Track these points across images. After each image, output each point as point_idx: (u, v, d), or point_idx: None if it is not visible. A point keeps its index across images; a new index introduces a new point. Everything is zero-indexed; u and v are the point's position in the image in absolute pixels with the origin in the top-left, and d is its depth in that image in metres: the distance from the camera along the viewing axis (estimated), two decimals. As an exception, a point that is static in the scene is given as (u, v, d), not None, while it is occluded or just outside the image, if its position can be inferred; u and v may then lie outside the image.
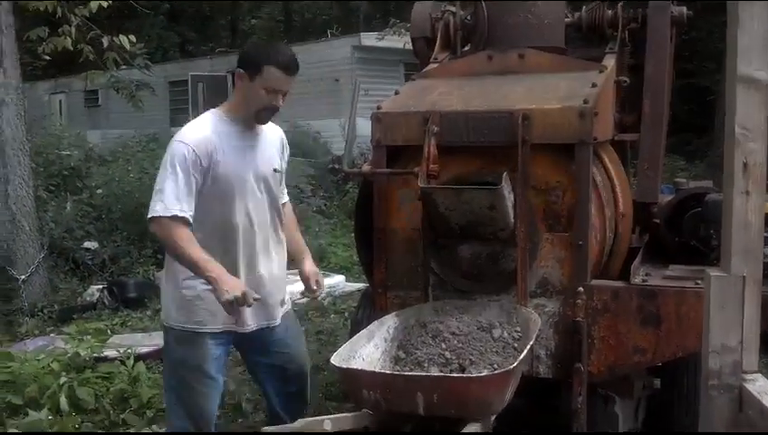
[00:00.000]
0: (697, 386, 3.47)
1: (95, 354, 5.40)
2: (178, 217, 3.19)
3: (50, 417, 4.52)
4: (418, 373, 3.11)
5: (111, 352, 5.56)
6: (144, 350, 5.79)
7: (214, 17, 33.03)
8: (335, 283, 8.60)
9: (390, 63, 17.44)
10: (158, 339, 5.80)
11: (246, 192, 3.40)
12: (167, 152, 3.29)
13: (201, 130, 3.33)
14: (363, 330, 3.42)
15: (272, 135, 3.60)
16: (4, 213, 8.01)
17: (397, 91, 4.18)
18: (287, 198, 3.81)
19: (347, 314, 7.23)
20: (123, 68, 9.88)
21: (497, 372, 2.94)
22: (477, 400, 2.81)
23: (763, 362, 2.78)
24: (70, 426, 4.50)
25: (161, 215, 3.19)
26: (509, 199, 3.45)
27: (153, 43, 24.11)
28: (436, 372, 3.12)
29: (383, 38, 15.08)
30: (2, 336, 7.03)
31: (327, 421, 2.87)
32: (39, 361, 5.15)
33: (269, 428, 3.07)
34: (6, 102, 8.03)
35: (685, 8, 4.41)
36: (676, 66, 4.88)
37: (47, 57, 8.73)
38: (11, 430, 4.43)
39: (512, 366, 2.90)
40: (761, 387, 1.98)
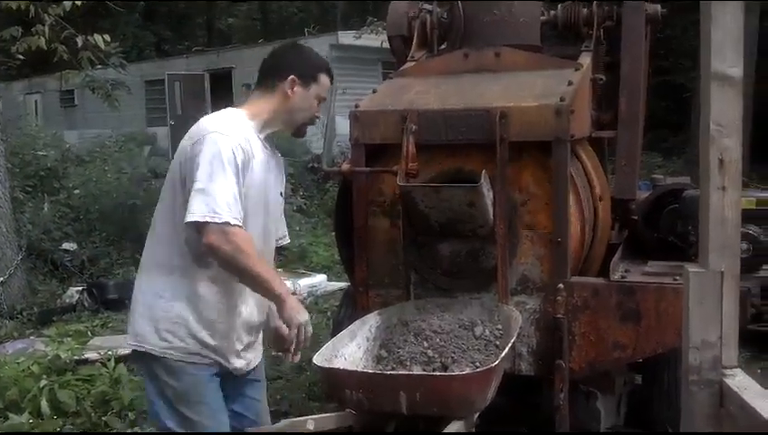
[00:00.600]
0: (678, 381, 3.50)
1: (76, 357, 5.36)
2: (233, 225, 2.68)
3: (30, 420, 4.50)
4: (401, 372, 3.12)
5: (92, 355, 5.52)
6: (125, 351, 5.73)
7: (190, 16, 32.89)
8: (317, 282, 8.63)
9: (368, 62, 17.43)
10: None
11: (262, 212, 2.96)
12: (204, 146, 2.73)
13: (239, 130, 2.85)
14: (345, 329, 3.41)
15: (279, 156, 3.16)
16: (-19, 215, 7.93)
17: (374, 90, 4.19)
18: (287, 232, 3.31)
19: (329, 313, 7.22)
20: (99, 67, 9.80)
21: (479, 370, 2.95)
22: (460, 398, 2.82)
23: (742, 357, 2.81)
24: (51, 429, 4.47)
25: (215, 221, 2.65)
26: (488, 197, 3.47)
27: (128, 42, 23.94)
28: (418, 371, 3.13)
29: (360, 37, 15.05)
30: (-20, 340, 6.97)
31: (310, 422, 2.86)
32: (19, 364, 5.11)
33: (253, 428, 3.07)
34: (-20, 103, 7.97)
35: (659, 6, 4.44)
36: (652, 64, 4.92)
37: (21, 57, 8.63)
38: (-9, 434, 4.40)
39: (494, 364, 2.91)
40: (740, 382, 1.99)
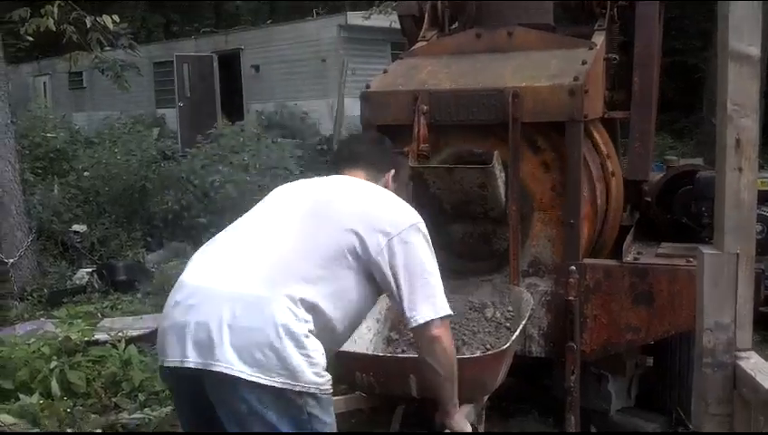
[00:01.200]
0: (690, 364, 3.48)
1: (86, 338, 5.36)
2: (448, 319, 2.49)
3: (41, 401, 4.50)
4: (411, 355, 3.09)
5: (102, 336, 5.52)
6: (135, 333, 5.76)
7: (198, -3, 32.73)
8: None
9: (377, 43, 17.32)
10: (149, 322, 5.79)
11: None
12: (415, 234, 2.55)
13: None
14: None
15: None
16: (-9, 196, 7.95)
17: (385, 70, 4.15)
18: None
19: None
20: (108, 49, 9.78)
21: (490, 353, 2.94)
22: (470, 380, 2.80)
23: (756, 339, 2.79)
24: (61, 410, 4.48)
25: (441, 316, 2.43)
26: (500, 178, 3.45)
27: (137, 23, 23.90)
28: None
29: (370, 17, 14.95)
30: (-9, 320, 7.00)
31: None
32: (29, 345, 5.11)
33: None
34: (-10, 85, 7.96)
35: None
36: (664, 44, 4.87)
37: (30, 38, 8.62)
38: (2, 414, 4.41)
39: (505, 346, 2.90)
40: (754, 364, 1.97)
